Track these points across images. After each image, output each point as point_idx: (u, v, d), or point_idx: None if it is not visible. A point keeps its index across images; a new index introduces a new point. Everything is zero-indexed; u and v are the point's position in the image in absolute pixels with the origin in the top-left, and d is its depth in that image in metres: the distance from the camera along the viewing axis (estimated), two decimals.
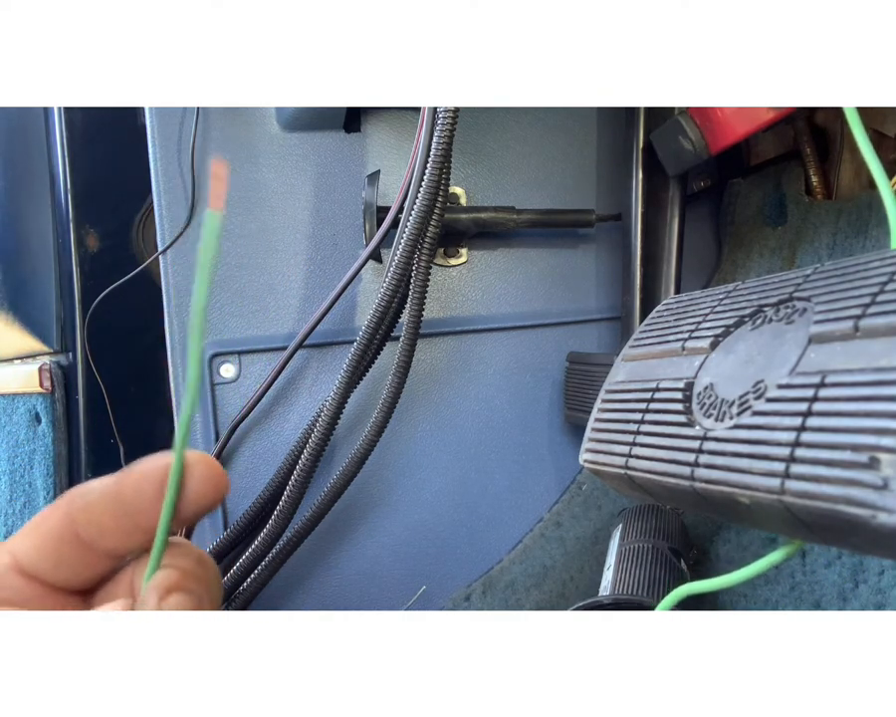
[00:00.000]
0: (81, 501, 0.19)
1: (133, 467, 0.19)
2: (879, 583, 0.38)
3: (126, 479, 0.19)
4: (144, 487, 0.18)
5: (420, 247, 0.46)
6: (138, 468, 0.19)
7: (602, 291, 0.65)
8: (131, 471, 0.19)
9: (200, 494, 0.19)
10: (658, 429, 0.25)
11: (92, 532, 0.18)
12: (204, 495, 0.19)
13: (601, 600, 0.40)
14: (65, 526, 0.18)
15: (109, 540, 0.19)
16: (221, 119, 0.53)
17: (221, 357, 0.53)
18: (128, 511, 0.18)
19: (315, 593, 0.56)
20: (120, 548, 0.19)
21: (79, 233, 0.63)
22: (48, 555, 0.19)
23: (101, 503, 0.18)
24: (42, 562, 0.19)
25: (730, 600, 0.47)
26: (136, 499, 0.18)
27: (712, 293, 0.29)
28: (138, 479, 0.19)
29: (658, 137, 0.52)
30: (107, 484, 0.19)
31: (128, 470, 0.19)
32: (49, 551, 0.19)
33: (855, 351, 0.19)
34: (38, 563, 0.19)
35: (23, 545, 0.19)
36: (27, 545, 0.19)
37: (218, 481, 0.19)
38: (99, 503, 0.18)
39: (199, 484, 0.19)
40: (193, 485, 0.19)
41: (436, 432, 0.59)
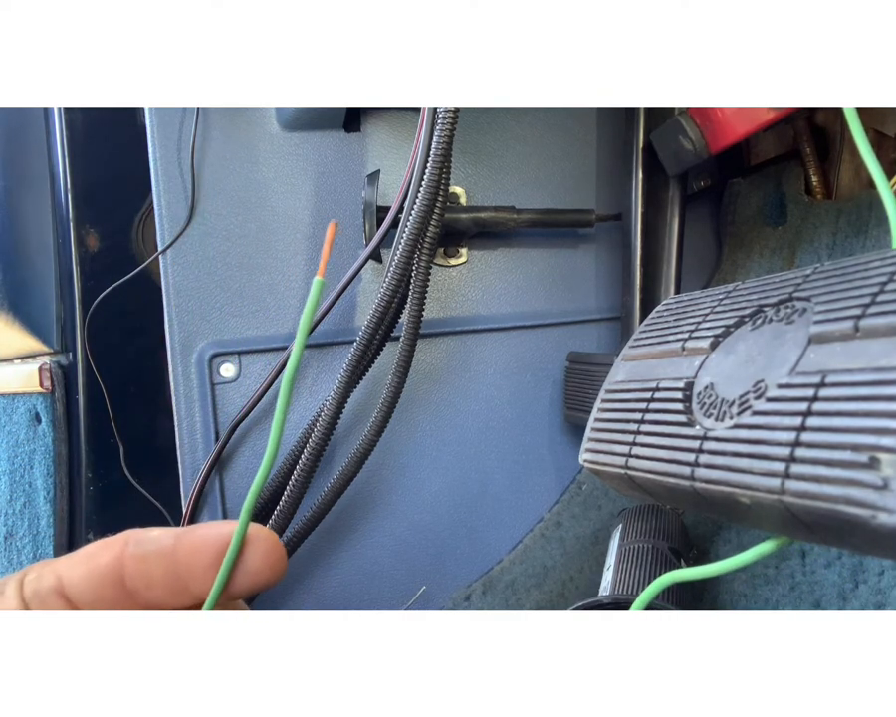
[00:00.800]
0: (136, 549, 0.18)
1: (195, 530, 0.18)
2: (879, 583, 0.38)
3: (185, 540, 0.18)
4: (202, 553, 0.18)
5: (420, 247, 0.46)
6: (199, 532, 0.18)
7: (602, 291, 0.65)
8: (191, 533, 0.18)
9: (256, 571, 0.18)
10: (658, 429, 0.25)
11: (139, 582, 0.18)
12: (260, 573, 0.18)
13: (601, 600, 0.40)
14: (114, 568, 0.18)
15: (154, 594, 0.18)
16: (221, 118, 0.53)
17: (221, 356, 0.53)
18: (181, 573, 0.18)
19: (315, 592, 0.56)
20: (166, 605, 0.19)
21: (79, 233, 0.63)
22: (91, 591, 0.18)
23: (155, 557, 0.18)
24: (84, 595, 0.18)
25: (730, 600, 0.47)
26: (191, 564, 0.18)
27: (712, 293, 0.29)
28: (197, 543, 0.18)
29: (658, 137, 0.52)
30: (165, 541, 0.18)
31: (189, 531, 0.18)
32: (92, 586, 0.18)
33: (855, 351, 0.19)
34: (79, 594, 0.18)
35: (70, 571, 0.19)
36: (74, 573, 0.18)
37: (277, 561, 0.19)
38: (153, 557, 0.18)
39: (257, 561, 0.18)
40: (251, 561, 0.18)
41: (436, 432, 0.59)
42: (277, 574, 0.19)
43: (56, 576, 0.19)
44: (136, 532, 0.19)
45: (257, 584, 0.18)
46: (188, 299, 0.53)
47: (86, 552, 0.19)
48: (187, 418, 0.53)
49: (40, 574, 0.19)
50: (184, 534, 0.18)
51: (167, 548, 0.18)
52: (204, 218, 0.53)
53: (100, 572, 0.18)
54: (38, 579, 0.19)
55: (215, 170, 0.53)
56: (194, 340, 0.53)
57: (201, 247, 0.53)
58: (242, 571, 0.18)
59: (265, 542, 0.18)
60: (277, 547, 0.19)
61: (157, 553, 0.18)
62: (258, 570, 0.18)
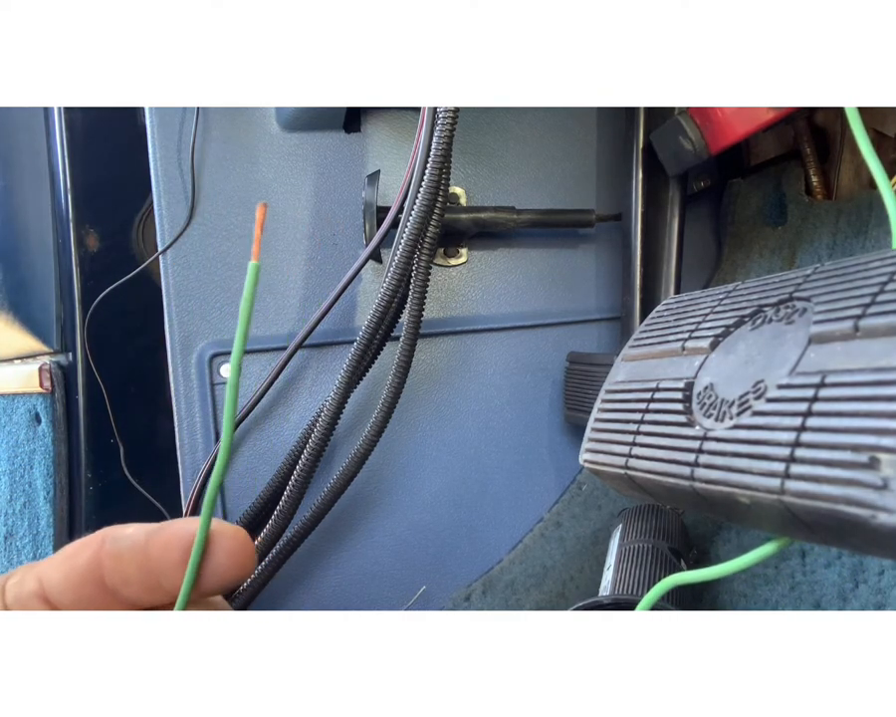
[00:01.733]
0: (111, 547, 0.18)
1: (165, 527, 0.18)
2: (879, 583, 0.38)
3: (156, 538, 0.18)
4: (171, 550, 0.18)
5: (420, 247, 0.46)
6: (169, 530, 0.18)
7: (602, 291, 0.65)
8: (162, 531, 0.18)
9: (223, 568, 0.18)
10: (658, 429, 0.25)
11: (116, 580, 0.18)
12: (227, 570, 0.18)
13: (601, 600, 0.40)
14: (93, 567, 0.18)
15: (131, 591, 0.18)
16: (221, 118, 0.53)
17: (221, 356, 0.53)
18: (153, 570, 0.18)
19: (315, 592, 0.56)
20: (142, 602, 0.19)
21: (79, 233, 0.63)
22: (71, 591, 0.18)
23: (129, 555, 0.18)
24: (65, 596, 0.18)
25: (730, 600, 0.47)
26: (162, 560, 0.18)
27: (712, 293, 0.29)
28: (166, 541, 0.18)
29: (658, 137, 0.52)
30: (137, 537, 0.18)
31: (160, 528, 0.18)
32: (73, 587, 0.18)
33: (855, 351, 0.19)
34: (61, 596, 0.18)
35: (51, 574, 0.19)
36: (55, 576, 0.19)
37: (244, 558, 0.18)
38: (127, 554, 0.18)
39: (223, 559, 0.18)
40: (217, 559, 0.18)
41: (436, 432, 0.59)
42: (245, 571, 0.18)
43: (37, 579, 0.19)
44: (112, 529, 0.19)
45: (226, 580, 0.18)
46: (188, 299, 0.52)
47: (65, 553, 0.19)
48: (187, 418, 0.53)
49: (22, 578, 0.19)
50: (156, 531, 0.18)
51: (140, 545, 0.18)
52: (204, 218, 0.53)
53: (79, 572, 0.18)
54: (19, 583, 0.19)
55: (215, 170, 0.53)
56: (194, 340, 0.53)
57: (201, 247, 0.53)
58: (209, 569, 0.18)
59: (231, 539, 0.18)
60: (243, 543, 0.19)
61: (131, 550, 0.18)
62: (226, 566, 0.18)
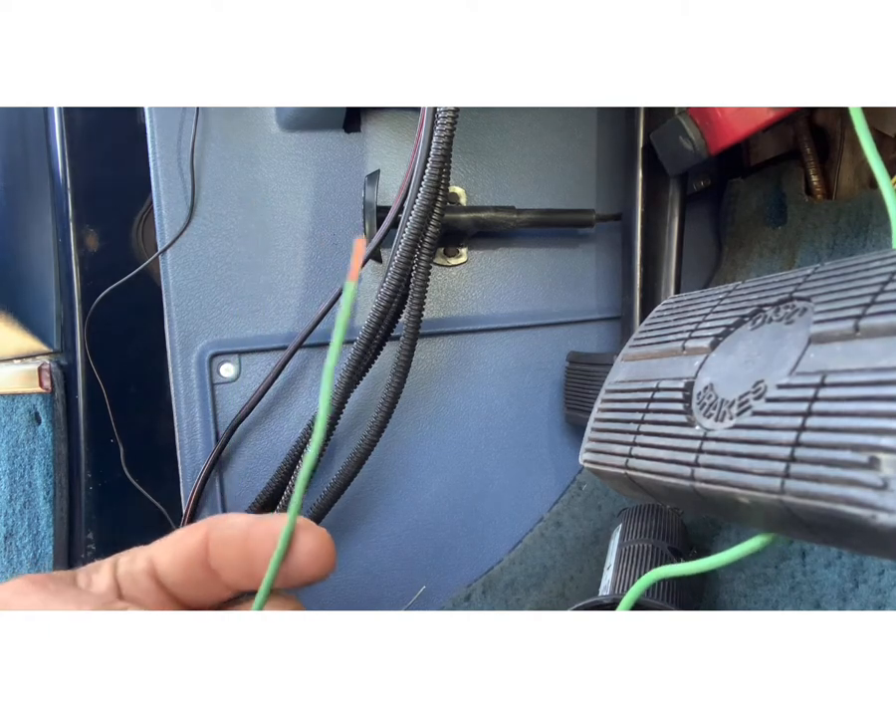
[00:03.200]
0: (218, 533, 0.20)
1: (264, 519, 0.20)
2: (879, 583, 0.39)
3: (254, 529, 0.20)
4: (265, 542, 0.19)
5: (420, 247, 0.46)
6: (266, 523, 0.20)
7: (602, 291, 0.65)
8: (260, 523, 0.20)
9: (304, 565, 0.19)
10: (658, 429, 0.25)
11: (219, 562, 0.20)
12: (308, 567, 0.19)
13: (601, 600, 0.40)
14: (200, 549, 0.20)
15: (231, 575, 0.20)
16: (221, 118, 0.53)
17: (221, 356, 0.53)
18: (250, 558, 0.19)
19: (314, 592, 0.56)
20: (240, 585, 0.20)
21: (79, 233, 0.63)
22: (180, 570, 0.20)
23: (232, 541, 0.20)
24: (174, 575, 0.20)
25: (730, 600, 0.47)
26: (257, 551, 0.19)
27: (712, 293, 0.29)
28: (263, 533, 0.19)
29: (658, 137, 0.52)
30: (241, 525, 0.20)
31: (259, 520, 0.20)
32: (182, 567, 0.20)
33: (855, 351, 0.19)
34: (170, 574, 0.20)
35: (161, 554, 0.20)
36: (164, 556, 0.20)
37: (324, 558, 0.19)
38: (230, 541, 0.20)
39: (304, 557, 0.19)
40: (299, 557, 0.19)
41: (436, 432, 0.59)
42: (325, 570, 0.20)
43: (147, 558, 0.20)
44: (219, 517, 0.20)
45: (307, 577, 0.19)
46: (188, 299, 0.52)
47: (174, 536, 0.20)
48: (187, 418, 0.53)
49: (133, 556, 0.20)
50: (256, 522, 0.20)
51: (241, 534, 0.20)
52: (204, 218, 0.53)
53: (186, 554, 0.20)
54: (131, 561, 0.20)
55: (215, 170, 0.53)
56: (194, 340, 0.53)
57: (201, 247, 0.53)
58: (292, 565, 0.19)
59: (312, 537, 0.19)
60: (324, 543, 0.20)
61: (234, 536, 0.20)
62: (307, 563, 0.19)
